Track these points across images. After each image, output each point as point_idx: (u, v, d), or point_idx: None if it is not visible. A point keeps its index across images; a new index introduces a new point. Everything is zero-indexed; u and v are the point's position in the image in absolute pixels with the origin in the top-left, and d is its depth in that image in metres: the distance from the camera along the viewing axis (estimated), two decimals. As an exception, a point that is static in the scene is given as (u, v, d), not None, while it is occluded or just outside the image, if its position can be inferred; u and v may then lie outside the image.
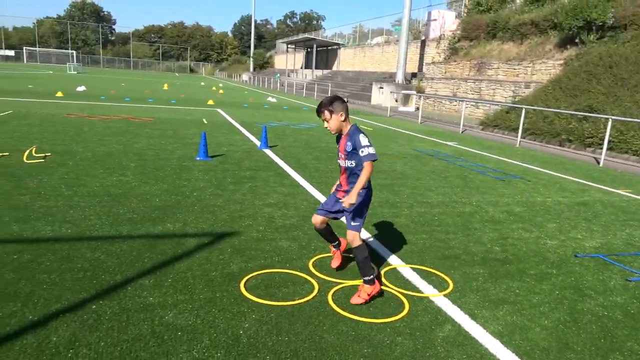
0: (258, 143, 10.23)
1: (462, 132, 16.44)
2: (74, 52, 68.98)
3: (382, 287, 3.57)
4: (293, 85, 41.08)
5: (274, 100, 26.82)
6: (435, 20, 29.70)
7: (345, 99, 3.47)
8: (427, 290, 3.64)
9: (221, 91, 33.51)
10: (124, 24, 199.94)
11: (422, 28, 34.17)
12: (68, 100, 17.57)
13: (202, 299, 3.23)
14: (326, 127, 3.36)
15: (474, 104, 20.50)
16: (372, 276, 3.33)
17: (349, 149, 3.31)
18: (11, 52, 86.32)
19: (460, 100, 20.26)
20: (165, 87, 33.40)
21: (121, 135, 9.99)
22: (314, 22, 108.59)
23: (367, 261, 3.35)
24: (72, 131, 10.10)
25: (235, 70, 79.94)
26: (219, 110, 17.82)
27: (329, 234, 3.76)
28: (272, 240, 4.45)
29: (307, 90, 36.69)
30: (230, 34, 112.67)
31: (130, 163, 7.36)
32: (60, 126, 10.73)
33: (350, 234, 3.37)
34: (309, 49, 53.45)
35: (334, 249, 3.86)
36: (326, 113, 3.30)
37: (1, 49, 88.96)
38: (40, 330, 2.73)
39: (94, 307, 3.03)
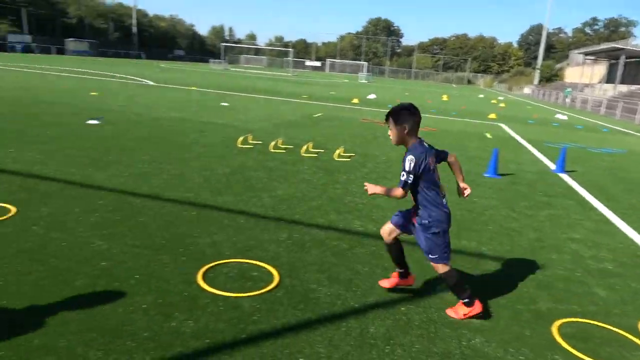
0: (551, 165, 9.23)
1: None
2: (365, 63, 77.53)
3: None
4: (587, 102, 35.89)
5: (564, 117, 23.96)
6: None
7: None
8: None
9: (502, 104, 31.99)
10: (411, 37, 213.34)
11: None
12: (362, 107, 19.76)
13: (510, 332, 3.01)
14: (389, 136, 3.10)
15: None
16: (467, 299, 3.08)
17: None
18: (318, 63, 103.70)
19: None
20: (445, 98, 33.99)
21: (409, 143, 10.54)
22: (622, 29, 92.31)
23: (458, 286, 3.09)
24: (368, 135, 11.25)
25: (517, 82, 75.30)
26: (502, 125, 16.98)
27: (398, 257, 3.32)
28: (583, 284, 3.86)
29: (607, 109, 31.42)
30: (515, 44, 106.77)
31: (420, 171, 7.65)
32: (358, 129, 12.11)
33: (433, 265, 3.13)
34: (613, 61, 45.72)
35: (396, 272, 3.39)
36: (390, 120, 3.02)
37: (312, 60, 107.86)
38: (360, 318, 3.02)
39: (403, 309, 3.19)
